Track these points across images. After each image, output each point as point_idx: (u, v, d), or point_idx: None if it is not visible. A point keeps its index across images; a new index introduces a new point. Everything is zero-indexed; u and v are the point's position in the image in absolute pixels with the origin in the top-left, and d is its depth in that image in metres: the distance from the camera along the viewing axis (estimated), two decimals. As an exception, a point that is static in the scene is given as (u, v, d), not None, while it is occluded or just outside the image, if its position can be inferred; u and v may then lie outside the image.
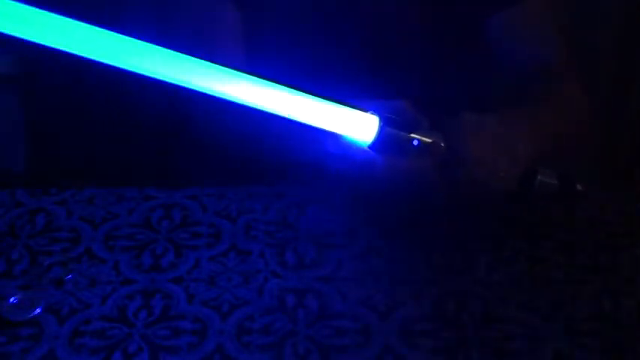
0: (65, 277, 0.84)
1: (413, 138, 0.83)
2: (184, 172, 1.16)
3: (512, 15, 1.07)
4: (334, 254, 0.88)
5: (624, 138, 1.51)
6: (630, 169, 1.50)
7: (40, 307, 0.79)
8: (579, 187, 0.89)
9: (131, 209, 0.94)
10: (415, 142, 0.83)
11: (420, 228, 0.91)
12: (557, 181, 0.88)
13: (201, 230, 0.91)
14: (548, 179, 0.88)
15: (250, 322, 0.79)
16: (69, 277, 0.84)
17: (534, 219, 0.94)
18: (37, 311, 0.79)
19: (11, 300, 0.79)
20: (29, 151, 1.43)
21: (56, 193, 0.96)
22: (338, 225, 0.92)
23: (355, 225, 0.92)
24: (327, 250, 0.89)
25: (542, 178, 0.87)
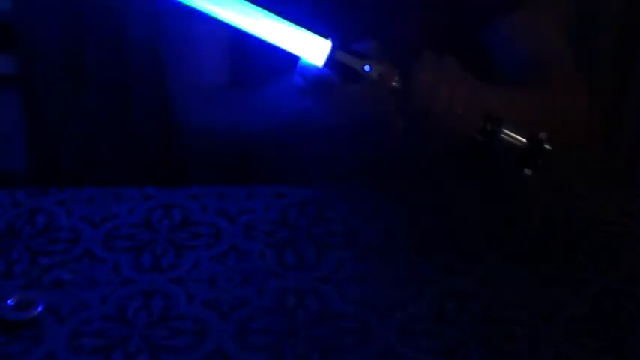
0: (65, 277, 0.84)
1: (365, 63, 0.85)
2: (184, 172, 1.16)
3: (513, 20, 1.06)
4: (334, 254, 0.88)
5: (624, 138, 1.52)
6: (630, 169, 1.50)
7: (40, 307, 0.79)
8: (547, 147, 0.85)
9: (131, 209, 0.94)
10: (367, 68, 0.85)
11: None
12: (524, 136, 0.85)
13: (201, 230, 0.91)
14: (514, 130, 0.85)
15: (250, 322, 0.79)
16: (69, 277, 0.84)
17: (534, 219, 0.95)
18: (37, 311, 0.79)
19: (11, 300, 0.79)
20: (29, 151, 1.43)
21: (56, 193, 0.96)
22: (338, 225, 0.92)
23: (355, 225, 0.92)
24: (327, 250, 0.89)
25: (508, 127, 0.85)
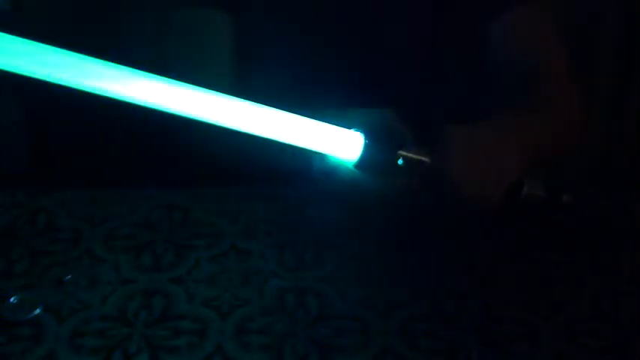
0: (65, 277, 0.84)
1: (398, 156, 0.77)
2: (184, 172, 1.16)
3: (512, 20, 1.06)
4: (334, 254, 0.88)
5: (624, 138, 1.51)
6: (630, 169, 1.50)
7: (40, 307, 0.79)
8: (566, 199, 0.85)
9: (131, 209, 0.94)
10: (400, 161, 0.77)
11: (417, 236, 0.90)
12: (543, 193, 0.84)
13: (201, 230, 0.91)
14: (534, 191, 0.84)
15: (250, 322, 0.79)
16: (69, 277, 0.84)
17: (534, 219, 0.94)
18: (37, 311, 0.79)
19: (11, 300, 0.79)
20: (29, 151, 1.43)
21: (56, 193, 0.96)
22: (338, 225, 0.92)
23: (355, 225, 0.92)
24: (327, 250, 0.89)
25: (529, 190, 0.83)
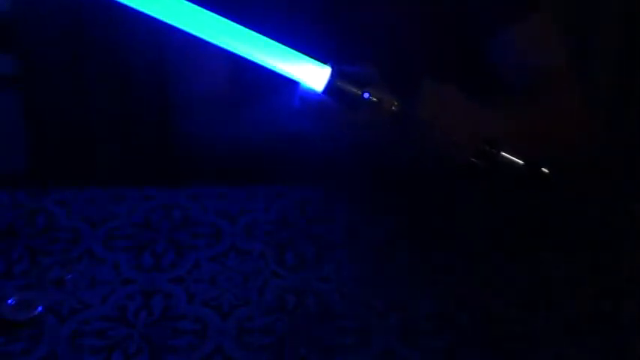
0: (65, 277, 0.84)
1: (364, 90, 0.85)
2: (184, 172, 1.16)
3: (517, 31, 1.06)
4: (334, 254, 0.88)
5: (624, 138, 1.51)
6: (630, 169, 1.49)
7: (40, 307, 0.79)
8: (545, 171, 0.85)
9: (131, 209, 0.94)
10: (366, 95, 0.85)
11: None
12: (521, 160, 0.85)
13: (201, 230, 0.91)
14: (511, 155, 0.85)
15: (250, 322, 0.79)
16: (69, 277, 0.84)
17: (534, 219, 0.94)
18: (37, 311, 0.79)
19: (11, 300, 0.79)
20: (29, 151, 1.43)
21: (56, 193, 0.96)
22: (338, 225, 0.92)
23: (355, 225, 0.92)
24: (327, 250, 0.89)
25: (506, 151, 0.85)
